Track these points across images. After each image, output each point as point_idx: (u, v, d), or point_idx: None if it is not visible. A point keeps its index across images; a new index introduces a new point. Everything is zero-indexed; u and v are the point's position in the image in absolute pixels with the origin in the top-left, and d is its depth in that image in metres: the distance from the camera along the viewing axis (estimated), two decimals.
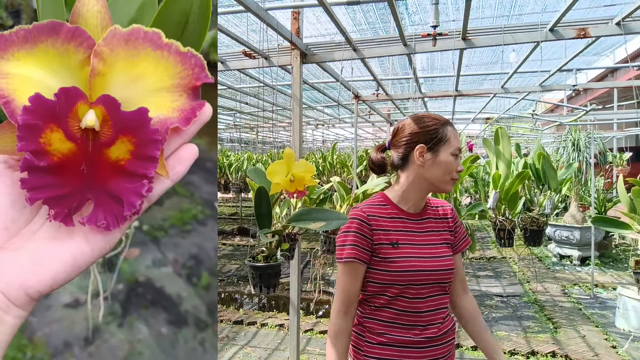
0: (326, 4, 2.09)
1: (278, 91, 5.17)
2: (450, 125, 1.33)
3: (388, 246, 1.27)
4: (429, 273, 1.26)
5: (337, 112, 7.37)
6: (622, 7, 2.77)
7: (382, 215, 1.31)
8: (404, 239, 1.29)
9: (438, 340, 1.28)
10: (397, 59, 4.47)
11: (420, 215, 1.35)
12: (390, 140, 1.39)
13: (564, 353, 3.74)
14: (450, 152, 1.30)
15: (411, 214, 1.33)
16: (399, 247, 1.27)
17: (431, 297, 1.28)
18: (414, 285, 1.25)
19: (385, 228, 1.29)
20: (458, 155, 1.32)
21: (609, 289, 5.53)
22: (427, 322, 1.27)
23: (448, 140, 1.30)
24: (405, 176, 1.33)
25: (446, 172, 1.29)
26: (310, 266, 6.75)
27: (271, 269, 1.89)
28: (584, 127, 6.30)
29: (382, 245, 1.27)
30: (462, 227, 1.43)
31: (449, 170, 1.30)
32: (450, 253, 1.34)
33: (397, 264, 1.26)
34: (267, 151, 12.02)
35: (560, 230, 6.74)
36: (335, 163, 6.33)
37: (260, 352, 3.96)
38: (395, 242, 1.28)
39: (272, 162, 1.48)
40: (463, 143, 4.98)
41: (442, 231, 1.36)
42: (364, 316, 1.33)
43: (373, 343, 1.29)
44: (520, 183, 2.78)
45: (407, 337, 1.26)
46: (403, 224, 1.31)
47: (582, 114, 3.82)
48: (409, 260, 1.26)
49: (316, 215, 1.48)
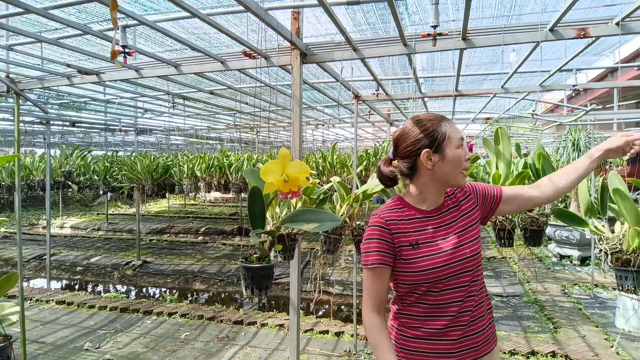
0: (326, 4, 2.08)
1: (278, 91, 5.16)
2: (445, 120, 1.36)
3: (409, 247, 1.32)
4: (451, 266, 1.30)
5: (337, 112, 7.36)
6: (622, 7, 2.77)
7: (400, 218, 1.36)
8: (424, 237, 1.34)
9: (471, 329, 1.32)
10: (397, 59, 4.46)
11: (439, 210, 1.39)
12: (393, 152, 1.41)
13: (564, 353, 3.74)
14: (455, 146, 1.34)
15: (430, 212, 1.38)
16: (419, 247, 1.32)
17: (460, 288, 1.32)
18: (441, 280, 1.30)
19: (405, 230, 1.34)
20: (462, 144, 1.36)
21: (609, 289, 5.53)
22: (456, 312, 1.31)
23: (449, 137, 1.33)
24: (419, 182, 1.37)
25: (456, 166, 1.34)
26: (310, 266, 6.74)
27: (263, 270, 1.80)
28: (584, 127, 6.29)
29: (403, 247, 1.33)
30: (487, 187, 1.48)
31: (459, 163, 1.34)
32: (476, 235, 1.38)
33: (419, 264, 1.31)
34: (267, 151, 12.00)
35: (560, 230, 6.74)
36: (335, 163, 6.32)
37: (260, 352, 3.96)
38: (415, 243, 1.33)
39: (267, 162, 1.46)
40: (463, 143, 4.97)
41: (466, 214, 1.40)
42: (399, 312, 1.40)
43: (409, 337, 1.36)
44: (520, 183, 2.78)
45: (439, 330, 1.31)
46: (422, 223, 1.36)
47: (582, 114, 3.82)
48: (429, 259, 1.31)
49: (310, 217, 1.47)
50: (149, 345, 4.16)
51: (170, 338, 4.35)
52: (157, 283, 6.89)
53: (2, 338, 2.09)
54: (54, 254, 7.93)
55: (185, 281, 6.82)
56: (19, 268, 2.39)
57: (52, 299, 5.52)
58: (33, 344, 4.13)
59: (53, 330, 4.56)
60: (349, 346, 4.02)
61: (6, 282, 2.06)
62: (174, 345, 4.17)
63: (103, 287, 6.92)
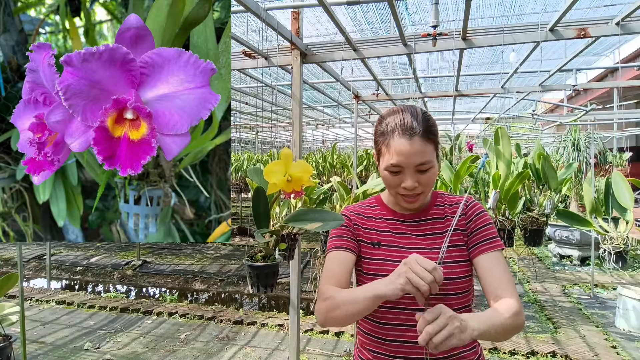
0: (326, 4, 2.08)
1: (278, 91, 5.16)
2: (396, 128, 1.07)
3: (369, 245, 1.17)
4: None
5: (337, 112, 7.37)
6: (622, 7, 2.77)
7: (368, 215, 1.22)
8: (390, 240, 1.16)
9: None
10: (397, 59, 4.47)
11: (417, 216, 1.19)
12: None
13: (564, 353, 3.74)
14: (384, 166, 1.10)
15: (405, 216, 1.19)
16: (381, 249, 1.15)
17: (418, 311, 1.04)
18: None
19: (368, 227, 1.19)
20: (399, 171, 1.09)
21: (609, 289, 5.53)
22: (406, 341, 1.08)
23: (383, 150, 1.11)
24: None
25: (389, 186, 1.14)
26: (310, 266, 6.74)
27: (269, 268, 1.90)
28: (584, 127, 6.29)
29: (362, 242, 1.18)
30: (487, 225, 1.15)
31: (389, 185, 1.13)
32: (459, 258, 1.12)
33: (374, 267, 1.14)
34: (267, 151, 12.01)
35: (560, 230, 6.75)
36: (335, 163, 6.33)
37: (260, 352, 3.96)
38: (377, 243, 1.16)
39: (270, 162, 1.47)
40: (463, 143, 4.98)
41: (453, 230, 1.12)
42: (358, 327, 1.22)
43: (360, 357, 1.19)
44: (520, 183, 2.78)
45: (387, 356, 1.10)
46: (392, 226, 1.18)
47: (582, 114, 3.81)
48: (387, 263, 1.12)
49: (313, 216, 1.47)
50: (149, 345, 4.16)
51: (170, 338, 4.35)
52: (157, 283, 6.89)
53: (2, 338, 2.09)
54: (54, 253, 7.94)
55: (185, 281, 6.83)
56: (19, 268, 2.39)
57: (52, 299, 5.52)
58: (33, 344, 4.13)
59: (53, 330, 4.56)
60: (349, 346, 4.02)
61: (6, 282, 2.07)
62: (174, 345, 4.17)
63: (103, 287, 6.92)
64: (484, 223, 1.15)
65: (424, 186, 1.09)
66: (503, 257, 1.14)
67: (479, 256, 1.11)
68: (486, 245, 1.12)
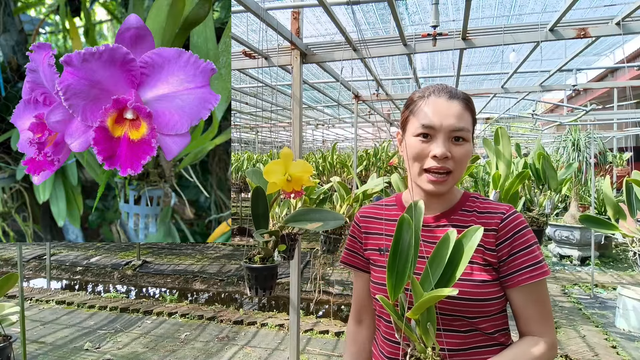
0: (326, 4, 2.08)
1: (278, 91, 5.16)
2: (432, 93, 0.95)
3: (375, 252, 1.05)
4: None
5: (337, 112, 7.37)
6: (622, 7, 2.77)
7: (381, 217, 1.06)
8: None
9: None
10: (397, 59, 4.47)
11: (435, 220, 0.99)
12: None
13: (564, 353, 3.74)
14: (412, 132, 0.95)
15: (424, 218, 0.98)
16: (386, 255, 0.96)
17: (441, 331, 0.90)
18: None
19: (378, 232, 1.05)
20: (430, 138, 0.92)
21: (609, 289, 5.53)
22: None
23: (413, 114, 0.96)
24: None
25: (412, 157, 0.95)
26: (310, 266, 6.74)
27: (267, 270, 1.79)
28: (584, 127, 6.30)
29: (369, 250, 1.06)
30: (531, 247, 0.92)
31: (414, 156, 0.94)
32: (483, 278, 0.91)
33: (379, 274, 1.01)
34: (267, 151, 12.01)
35: (560, 230, 6.75)
36: (335, 163, 6.32)
37: (260, 352, 3.96)
38: (383, 249, 1.02)
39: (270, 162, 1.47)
40: None
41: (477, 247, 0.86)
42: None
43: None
44: (520, 183, 2.78)
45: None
46: None
47: (582, 114, 3.82)
48: None
49: (313, 216, 1.47)
50: (149, 345, 4.16)
51: (170, 338, 4.35)
52: (157, 283, 6.89)
53: (2, 338, 2.09)
54: (54, 253, 7.94)
55: (185, 281, 6.82)
56: (19, 268, 2.39)
57: (52, 299, 5.52)
58: (33, 344, 4.13)
59: (53, 330, 4.56)
60: None
61: (6, 282, 2.07)
62: (174, 345, 4.17)
63: (103, 287, 6.92)
64: (526, 244, 0.92)
65: (455, 162, 0.92)
66: (546, 287, 0.95)
67: (517, 287, 0.91)
68: (526, 275, 0.90)
